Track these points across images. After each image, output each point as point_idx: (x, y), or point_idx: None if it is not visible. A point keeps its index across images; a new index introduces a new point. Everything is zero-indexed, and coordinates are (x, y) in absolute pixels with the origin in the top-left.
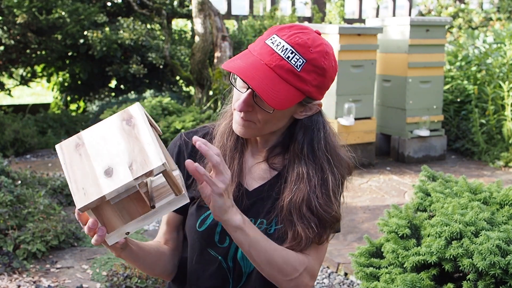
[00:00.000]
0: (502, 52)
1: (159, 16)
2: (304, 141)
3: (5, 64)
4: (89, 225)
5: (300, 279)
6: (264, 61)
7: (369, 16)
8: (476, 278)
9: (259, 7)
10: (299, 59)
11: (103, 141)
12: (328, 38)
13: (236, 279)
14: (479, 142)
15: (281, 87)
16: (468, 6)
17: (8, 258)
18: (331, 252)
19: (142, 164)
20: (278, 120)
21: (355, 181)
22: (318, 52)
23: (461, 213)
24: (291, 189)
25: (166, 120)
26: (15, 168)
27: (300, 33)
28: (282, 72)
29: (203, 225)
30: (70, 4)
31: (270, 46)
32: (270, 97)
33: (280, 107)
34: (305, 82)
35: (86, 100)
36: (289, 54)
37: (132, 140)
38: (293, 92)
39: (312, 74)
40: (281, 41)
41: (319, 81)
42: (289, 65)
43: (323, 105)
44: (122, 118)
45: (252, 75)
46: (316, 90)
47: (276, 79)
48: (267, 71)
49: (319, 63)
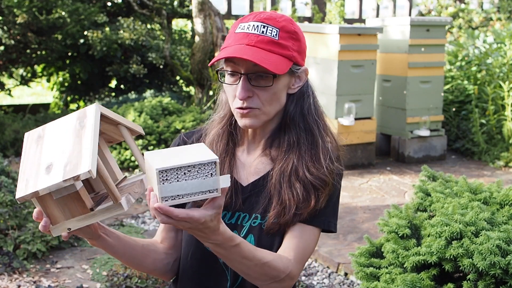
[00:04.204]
0: (502, 52)
1: (159, 16)
2: (295, 111)
3: (5, 64)
4: (33, 214)
5: (281, 283)
6: (244, 43)
7: (369, 16)
8: (476, 278)
9: (259, 7)
10: (273, 29)
11: (57, 137)
12: (328, 38)
13: (233, 276)
14: (479, 142)
15: (270, 56)
16: (468, 6)
17: (8, 258)
18: (331, 252)
19: (74, 166)
20: (278, 96)
21: (355, 181)
22: (284, 20)
23: (461, 213)
24: (282, 158)
25: (166, 120)
26: (15, 168)
27: (261, 13)
28: (264, 45)
29: None
30: (70, 4)
31: (242, 31)
32: (267, 63)
33: (280, 71)
34: (287, 48)
35: (86, 100)
36: (262, 29)
37: (77, 141)
38: (281, 60)
39: (289, 40)
40: (250, 23)
41: (297, 45)
42: (267, 37)
43: (322, 104)
44: (78, 116)
45: (242, 53)
46: (298, 55)
47: (263, 52)
48: (252, 48)
49: (290, 28)
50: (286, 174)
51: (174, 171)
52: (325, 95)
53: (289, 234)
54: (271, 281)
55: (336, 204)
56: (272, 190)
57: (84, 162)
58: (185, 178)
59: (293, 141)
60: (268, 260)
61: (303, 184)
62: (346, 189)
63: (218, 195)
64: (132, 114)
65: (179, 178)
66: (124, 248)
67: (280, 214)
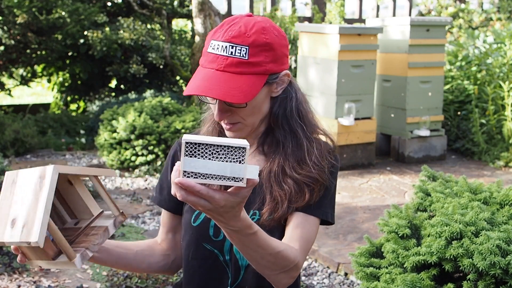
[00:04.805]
0: (502, 52)
1: (159, 16)
2: (278, 112)
3: (5, 64)
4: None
5: (288, 273)
6: (214, 68)
7: (369, 16)
8: (476, 278)
9: (259, 7)
10: (242, 48)
11: (24, 189)
12: (328, 38)
13: (234, 273)
14: (479, 142)
15: (240, 81)
16: (468, 6)
17: (8, 258)
18: (331, 252)
19: (28, 232)
20: (259, 108)
21: (355, 181)
22: (254, 33)
23: (461, 213)
24: (269, 158)
25: (166, 120)
26: (15, 168)
27: (231, 26)
28: (233, 69)
29: (198, 220)
30: (70, 4)
31: (212, 53)
32: (235, 95)
33: (249, 98)
34: (258, 64)
35: (86, 100)
36: (230, 50)
37: (35, 202)
38: (253, 80)
39: (260, 54)
40: (218, 43)
41: (271, 55)
42: (236, 58)
43: (322, 104)
44: (40, 175)
45: (209, 87)
46: (274, 64)
47: (232, 77)
48: (220, 75)
49: (261, 41)
50: (274, 174)
51: (202, 146)
52: (325, 95)
53: (291, 224)
54: (280, 271)
55: (333, 196)
56: (265, 187)
57: (35, 231)
58: (211, 157)
59: (279, 142)
60: (281, 250)
61: (294, 180)
62: (346, 189)
63: (243, 185)
64: (132, 114)
65: (205, 156)
66: (115, 259)
67: (273, 211)
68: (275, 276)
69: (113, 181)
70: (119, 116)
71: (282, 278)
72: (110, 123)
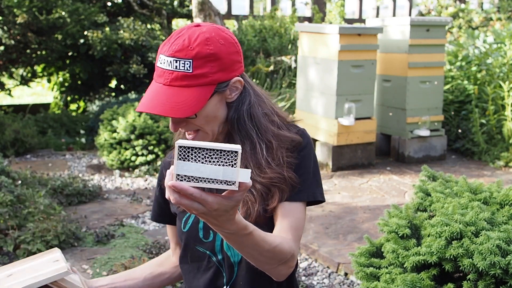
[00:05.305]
0: (502, 52)
1: (159, 16)
2: (234, 117)
3: (5, 64)
4: None
5: (286, 264)
6: (161, 83)
7: (369, 16)
8: (476, 278)
9: (259, 7)
10: (185, 62)
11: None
12: (328, 38)
13: (228, 271)
14: (479, 142)
15: (186, 94)
16: (468, 6)
17: (8, 258)
18: (331, 252)
19: None
20: (213, 116)
21: (355, 181)
22: (198, 45)
23: (461, 213)
24: None
25: (166, 120)
26: (15, 168)
27: (176, 40)
28: (179, 82)
29: (187, 225)
30: (70, 4)
31: (160, 67)
32: (180, 109)
33: (196, 110)
34: (204, 76)
35: (86, 100)
36: (175, 64)
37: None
38: (200, 91)
39: (206, 66)
40: (165, 58)
41: (217, 65)
42: (181, 72)
43: (322, 104)
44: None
45: (155, 104)
46: (222, 73)
47: (178, 91)
48: (167, 90)
49: (204, 52)
50: None
51: (195, 150)
52: (325, 95)
53: (279, 216)
54: (278, 264)
55: (315, 174)
56: None
57: None
58: (203, 161)
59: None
60: (277, 244)
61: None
62: (346, 189)
63: (235, 188)
64: (132, 114)
65: (198, 160)
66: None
67: (247, 215)
68: (275, 269)
69: (113, 181)
70: (119, 116)
71: (281, 270)
72: (110, 123)
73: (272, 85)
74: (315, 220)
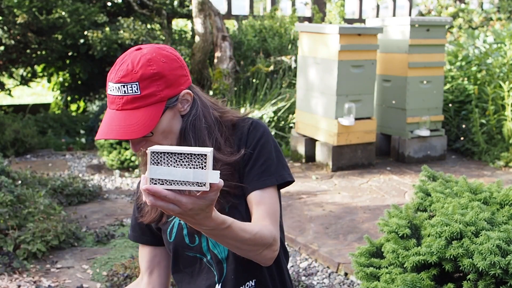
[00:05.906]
0: (502, 52)
1: (159, 16)
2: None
3: (5, 64)
4: None
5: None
6: (114, 109)
7: (369, 16)
8: (477, 278)
9: (259, 7)
10: (132, 85)
11: None
12: (328, 38)
13: (218, 269)
14: (479, 142)
15: (138, 116)
16: (468, 6)
17: (8, 258)
18: (331, 252)
19: None
20: (169, 130)
21: (355, 181)
22: (141, 67)
23: (461, 213)
24: None
25: None
26: (15, 168)
27: (121, 66)
28: (130, 105)
29: (172, 235)
30: (70, 4)
31: (110, 94)
32: (134, 131)
33: (150, 128)
34: (152, 95)
35: (87, 100)
36: (123, 89)
37: None
38: (150, 110)
39: (152, 85)
40: (113, 85)
41: (163, 82)
42: (130, 96)
43: (322, 103)
44: None
45: (112, 129)
46: (169, 89)
47: (131, 114)
48: (120, 114)
49: (148, 73)
50: None
51: (166, 155)
52: (325, 95)
53: (253, 205)
54: (262, 249)
55: (279, 157)
56: None
57: None
58: (175, 165)
59: None
60: (257, 231)
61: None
62: (346, 189)
63: (206, 189)
64: None
65: (170, 164)
66: None
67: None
68: (259, 255)
69: (113, 181)
70: None
71: (266, 254)
72: None
73: (272, 85)
74: (315, 220)
